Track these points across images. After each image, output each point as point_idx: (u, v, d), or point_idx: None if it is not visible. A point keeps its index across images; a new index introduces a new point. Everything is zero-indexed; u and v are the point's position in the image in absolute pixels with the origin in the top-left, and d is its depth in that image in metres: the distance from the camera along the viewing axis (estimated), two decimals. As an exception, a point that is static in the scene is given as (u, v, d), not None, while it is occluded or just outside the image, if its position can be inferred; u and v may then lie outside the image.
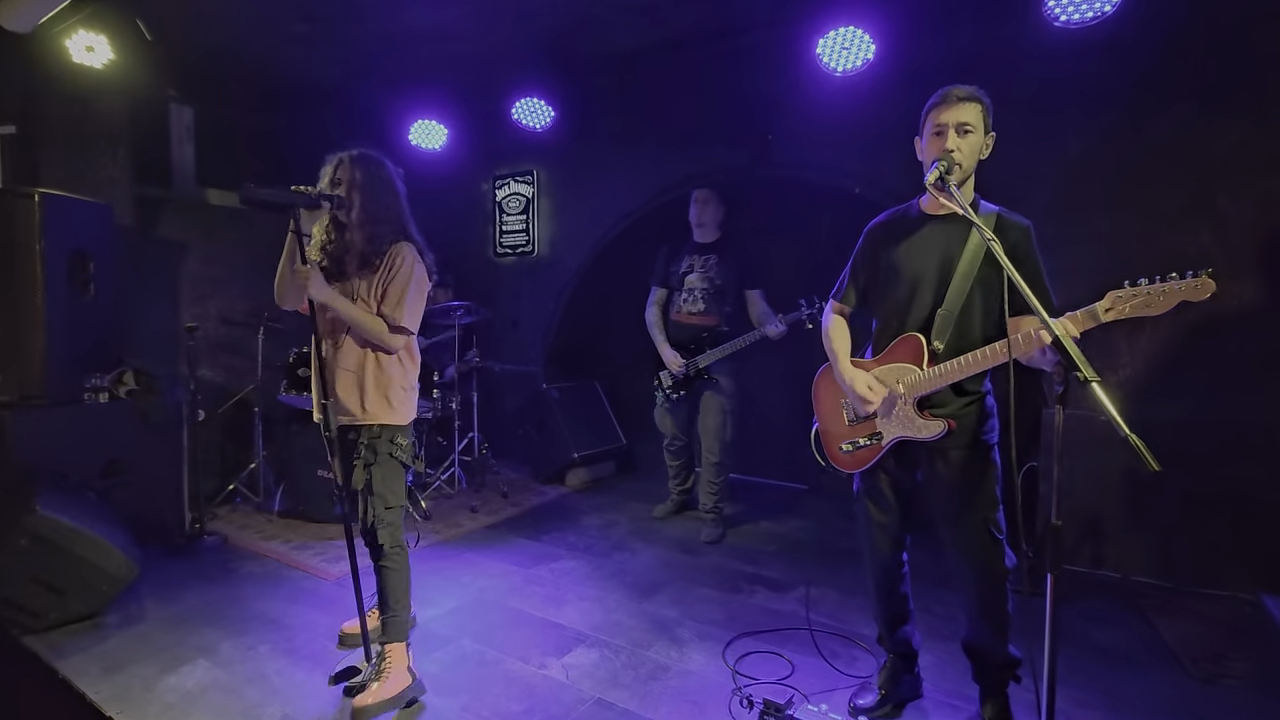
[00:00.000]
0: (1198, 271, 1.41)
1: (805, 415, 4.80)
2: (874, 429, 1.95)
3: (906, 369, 1.85)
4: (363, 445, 2.12)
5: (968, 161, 1.75)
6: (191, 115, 4.59)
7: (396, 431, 2.16)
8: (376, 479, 2.12)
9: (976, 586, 1.88)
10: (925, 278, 1.84)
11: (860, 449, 1.99)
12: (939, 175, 1.66)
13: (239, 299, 4.40)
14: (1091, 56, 2.99)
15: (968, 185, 1.82)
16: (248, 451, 4.21)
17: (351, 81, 4.62)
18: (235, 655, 2.35)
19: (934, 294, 1.83)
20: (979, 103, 1.76)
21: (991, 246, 1.47)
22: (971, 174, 1.81)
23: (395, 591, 2.18)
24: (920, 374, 1.82)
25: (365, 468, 2.11)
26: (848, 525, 3.82)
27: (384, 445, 2.13)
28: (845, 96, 3.49)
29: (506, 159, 5.14)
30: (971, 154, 1.76)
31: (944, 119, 1.76)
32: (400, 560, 2.20)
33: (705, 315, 3.59)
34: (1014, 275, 1.40)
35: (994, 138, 1.80)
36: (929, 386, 1.82)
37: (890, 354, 1.91)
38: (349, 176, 2.10)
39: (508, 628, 2.57)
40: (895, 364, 1.89)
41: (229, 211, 4.68)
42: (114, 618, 2.60)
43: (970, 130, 1.74)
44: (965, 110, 1.75)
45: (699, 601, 2.82)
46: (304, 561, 3.20)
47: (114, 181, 3.90)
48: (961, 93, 1.76)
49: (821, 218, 4.38)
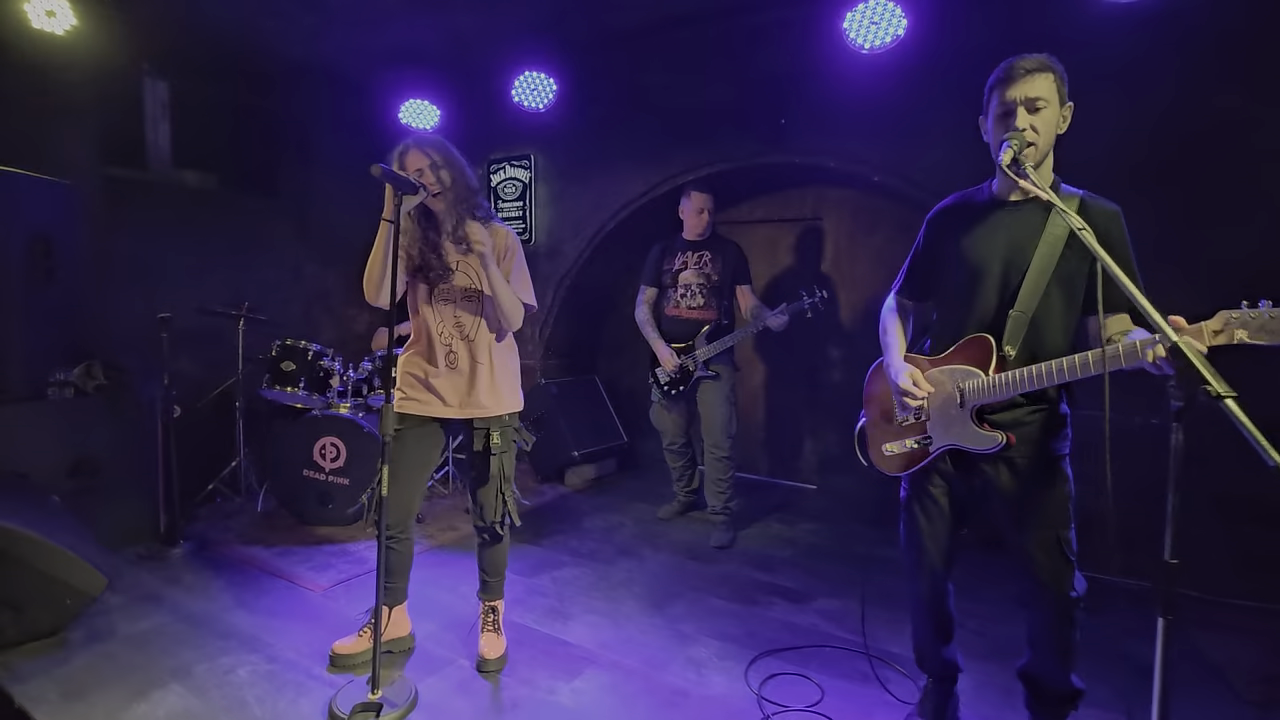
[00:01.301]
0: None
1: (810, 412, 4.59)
2: (923, 432, 1.77)
3: (970, 372, 1.66)
4: (495, 435, 2.20)
5: (1043, 140, 1.55)
6: (167, 91, 4.30)
7: (517, 418, 2.30)
8: (508, 467, 2.25)
9: (1042, 610, 1.69)
10: (993, 272, 1.65)
11: (905, 452, 1.83)
12: (1013, 156, 1.47)
13: (218, 288, 4.13)
14: (1142, 36, 2.78)
15: (1046, 165, 1.61)
16: (228, 449, 3.97)
17: (339, 57, 4.35)
18: (211, 679, 2.14)
19: (1005, 291, 1.63)
20: (1051, 72, 1.55)
21: (1083, 237, 1.28)
22: (1049, 152, 1.60)
23: (503, 562, 2.39)
24: (984, 380, 1.62)
25: (500, 456, 2.21)
26: (861, 529, 3.66)
27: (511, 434, 2.26)
28: (870, 77, 3.28)
29: (502, 142, 4.89)
30: (1047, 131, 1.55)
31: (1011, 95, 1.56)
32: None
33: (705, 310, 3.47)
34: (1114, 270, 1.21)
35: (1072, 108, 1.59)
36: (994, 395, 1.61)
37: (953, 355, 1.72)
38: (434, 160, 2.04)
39: (511, 646, 2.37)
40: (956, 366, 1.70)
41: (207, 195, 4.41)
42: (79, 634, 2.37)
43: (1043, 105, 1.54)
44: (1035, 83, 1.54)
45: (714, 615, 2.64)
46: (288, 570, 2.98)
47: (79, 160, 3.63)
48: (1030, 64, 1.55)
49: (834, 205, 4.20)
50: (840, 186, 4.10)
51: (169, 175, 4.30)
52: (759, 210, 4.45)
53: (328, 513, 3.49)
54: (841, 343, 4.25)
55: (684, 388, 3.49)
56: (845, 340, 4.23)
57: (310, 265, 4.92)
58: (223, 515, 3.67)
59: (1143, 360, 1.32)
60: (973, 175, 3.19)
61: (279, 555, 3.15)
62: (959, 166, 3.26)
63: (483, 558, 2.36)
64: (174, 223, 4.12)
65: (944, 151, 3.28)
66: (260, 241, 4.60)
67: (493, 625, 2.35)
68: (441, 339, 2.16)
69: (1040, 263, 1.58)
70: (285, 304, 4.72)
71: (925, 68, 3.18)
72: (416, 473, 2.25)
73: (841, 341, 4.25)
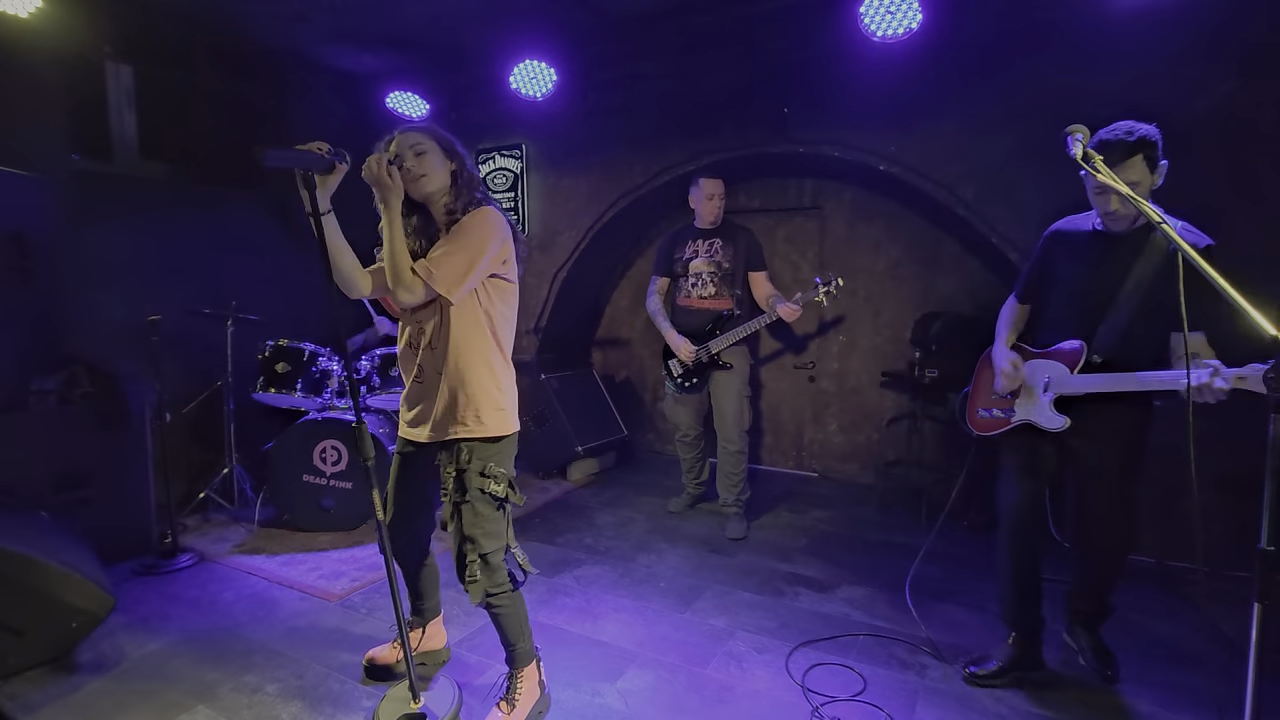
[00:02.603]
0: None
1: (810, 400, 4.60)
2: (1009, 407, 2.13)
3: (1059, 368, 1.98)
4: (450, 467, 1.84)
5: (1131, 213, 1.82)
6: (131, 76, 4.04)
7: (495, 448, 1.87)
8: (469, 520, 1.82)
9: (1105, 555, 2.13)
10: (1091, 292, 1.94)
11: (991, 419, 2.20)
12: (1083, 150, 1.49)
13: (203, 286, 3.92)
14: (1175, 32, 2.76)
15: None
16: (218, 455, 3.80)
17: (321, 43, 4.16)
18: (240, 700, 2.04)
19: (1101, 309, 1.92)
20: (1138, 154, 1.72)
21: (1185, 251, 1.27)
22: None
23: (511, 630, 1.94)
24: (1068, 375, 1.96)
25: (455, 504, 1.83)
26: (869, 514, 3.71)
27: (475, 478, 1.81)
28: (879, 67, 3.29)
29: (491, 131, 4.77)
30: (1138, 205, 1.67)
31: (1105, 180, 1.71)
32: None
33: (717, 299, 3.44)
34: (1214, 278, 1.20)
35: (1166, 167, 1.77)
36: (1071, 389, 1.95)
37: (1050, 352, 2.04)
38: (430, 143, 1.80)
39: (546, 648, 2.32)
40: (1048, 360, 2.02)
41: (181, 190, 4.19)
42: (86, 658, 2.24)
43: (1134, 185, 1.73)
44: (1126, 172, 1.73)
45: (744, 608, 2.64)
46: (298, 580, 2.87)
47: (49, 153, 3.40)
48: (1119, 152, 1.72)
49: (833, 194, 4.20)
50: (839, 177, 4.10)
51: (136, 167, 4.06)
52: (756, 199, 4.43)
53: (330, 518, 3.37)
54: (840, 330, 4.27)
55: (698, 380, 3.47)
56: (844, 328, 4.26)
57: (296, 261, 4.72)
58: (217, 525, 3.51)
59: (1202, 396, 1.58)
60: (977, 165, 3.27)
61: (285, 565, 3.03)
62: (966, 156, 3.32)
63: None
64: (150, 219, 3.90)
65: (951, 141, 3.31)
66: (243, 238, 4.38)
67: (505, 699, 1.92)
68: (411, 347, 1.88)
69: (1131, 287, 1.86)
70: (272, 303, 4.52)
71: (938, 59, 3.19)
72: (419, 496, 2.03)
73: (840, 329, 4.27)
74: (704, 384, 3.48)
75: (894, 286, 4.06)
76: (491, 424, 1.83)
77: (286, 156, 1.54)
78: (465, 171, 1.85)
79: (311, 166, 1.58)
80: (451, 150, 1.83)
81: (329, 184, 1.65)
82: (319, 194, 1.63)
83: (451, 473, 1.81)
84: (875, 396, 4.19)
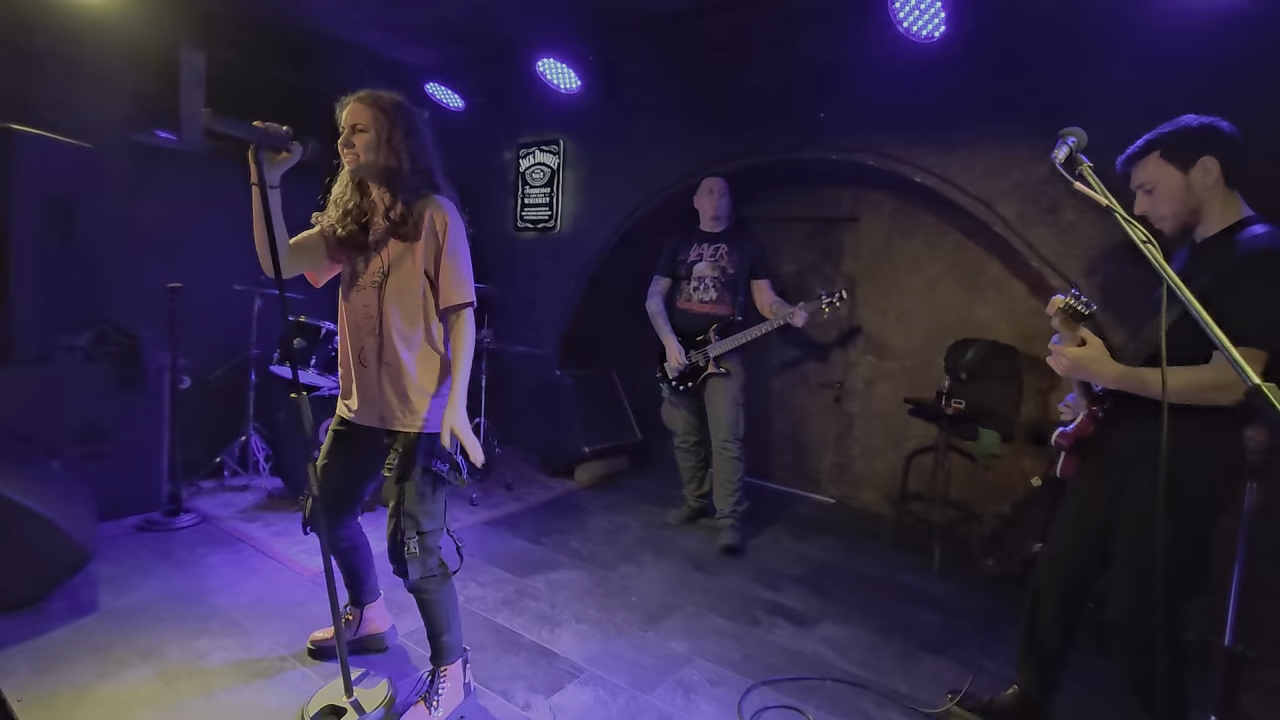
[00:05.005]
0: None
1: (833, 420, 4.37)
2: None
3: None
4: (397, 454, 1.82)
5: (1169, 211, 1.61)
6: (204, 62, 4.29)
7: (435, 441, 1.84)
8: (411, 498, 1.81)
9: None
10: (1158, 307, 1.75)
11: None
12: (1068, 154, 1.30)
13: (238, 260, 4.09)
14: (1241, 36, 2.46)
15: (1214, 215, 1.59)
16: (239, 423, 3.95)
17: (373, 33, 4.28)
18: (182, 664, 2.07)
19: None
20: (1152, 153, 1.60)
21: (1147, 250, 1.09)
22: (1201, 209, 1.59)
23: (439, 621, 1.91)
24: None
25: (398, 483, 1.81)
26: (877, 548, 3.47)
27: (421, 457, 1.81)
28: (918, 71, 3.07)
29: (532, 126, 4.78)
30: (1169, 205, 1.60)
31: (1132, 185, 1.67)
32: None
33: (718, 304, 3.33)
34: (1194, 306, 1.00)
35: (1208, 164, 1.55)
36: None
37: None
38: (370, 120, 1.74)
39: (493, 651, 2.26)
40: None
41: (235, 168, 4.38)
42: (60, 606, 2.34)
43: (1151, 188, 1.61)
44: (1137, 172, 1.64)
45: (711, 634, 2.49)
46: (281, 551, 2.93)
47: (110, 126, 3.62)
48: (1132, 154, 1.64)
49: (872, 206, 3.96)
50: (878, 187, 3.87)
51: (199, 145, 4.30)
52: (793, 206, 4.23)
53: (329, 494, 3.43)
54: (869, 350, 4.03)
55: (693, 384, 3.35)
56: (874, 347, 4.01)
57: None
58: (230, 490, 3.64)
59: None
60: (1023, 181, 2.99)
61: (275, 535, 3.09)
62: (1009, 170, 3.04)
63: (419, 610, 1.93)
64: (199, 193, 4.11)
65: (990, 153, 3.05)
66: (283, 217, 4.55)
67: (426, 698, 1.87)
68: (354, 331, 1.84)
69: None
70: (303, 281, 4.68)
71: (978, 64, 2.95)
72: (352, 477, 1.99)
73: (869, 348, 4.02)
74: (699, 389, 3.35)
75: (929, 307, 3.78)
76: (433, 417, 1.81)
77: (232, 126, 1.57)
78: (421, 155, 1.79)
79: (256, 141, 1.60)
80: (403, 127, 1.75)
81: (279, 162, 1.67)
82: (269, 169, 1.65)
83: (398, 450, 1.80)
84: (902, 423, 3.91)
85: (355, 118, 1.74)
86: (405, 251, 1.78)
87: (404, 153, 1.75)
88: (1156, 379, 1.42)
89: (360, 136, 1.73)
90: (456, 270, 1.79)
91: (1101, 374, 1.55)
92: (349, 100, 1.77)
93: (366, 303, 1.81)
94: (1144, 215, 1.63)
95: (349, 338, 1.87)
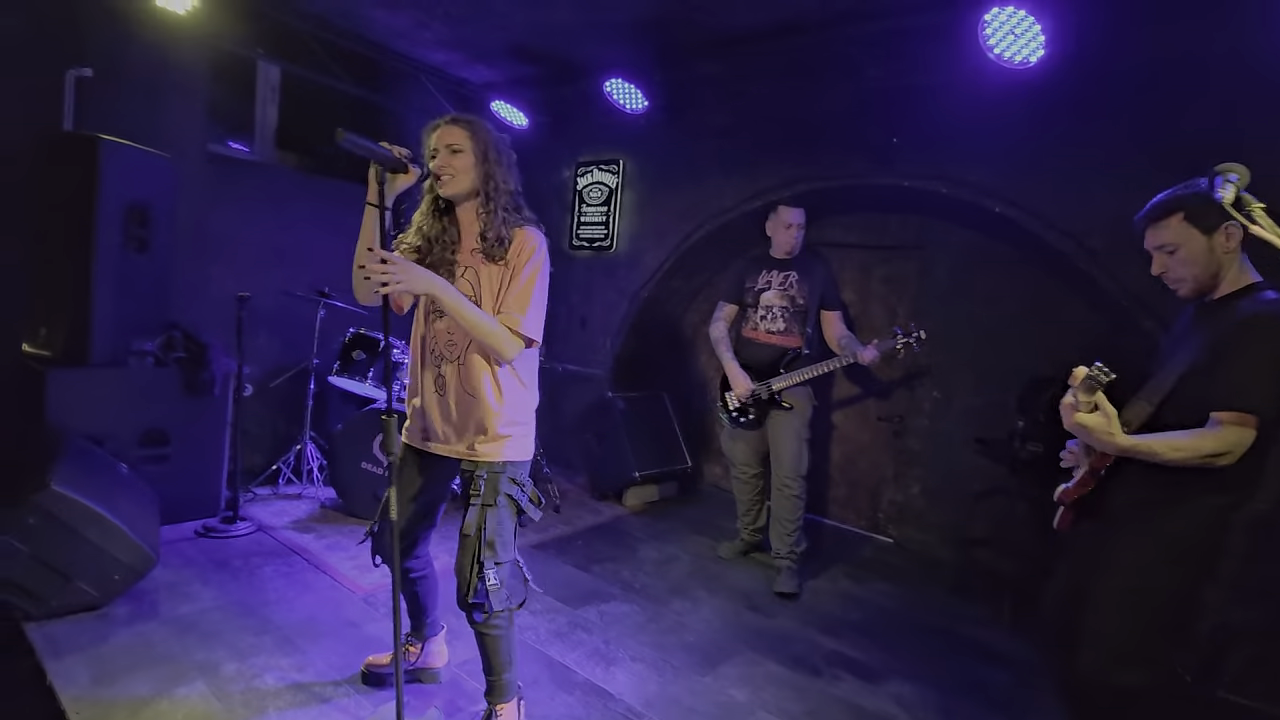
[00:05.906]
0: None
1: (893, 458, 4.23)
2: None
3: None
4: (480, 481, 1.77)
5: (1189, 273, 1.56)
6: (279, 75, 4.42)
7: (521, 470, 1.83)
8: (492, 525, 1.75)
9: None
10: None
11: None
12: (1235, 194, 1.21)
13: (304, 270, 4.17)
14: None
15: (1231, 277, 1.56)
16: (297, 432, 3.99)
17: (441, 51, 4.34)
18: (237, 682, 2.05)
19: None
20: (1175, 215, 1.54)
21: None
22: (1220, 270, 1.55)
23: (500, 658, 1.85)
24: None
25: (481, 508, 1.76)
26: (941, 595, 3.29)
27: (504, 484, 1.78)
28: (1000, 96, 2.95)
29: (591, 145, 4.78)
30: (1190, 267, 1.55)
31: (1147, 244, 1.63)
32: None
33: (786, 335, 3.21)
34: None
35: (1232, 229, 1.49)
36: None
37: None
38: (465, 141, 1.72)
39: (547, 688, 2.19)
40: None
41: (303, 179, 4.50)
42: (123, 610, 2.35)
43: (1173, 249, 1.57)
44: (1158, 233, 1.59)
45: (772, 683, 2.37)
46: (334, 565, 2.91)
47: (187, 136, 3.73)
48: (1147, 216, 1.61)
49: (940, 237, 3.82)
50: (947, 218, 3.72)
51: (272, 157, 4.42)
52: (854, 233, 4.12)
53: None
54: (933, 386, 3.86)
55: (753, 416, 3.24)
56: (940, 383, 3.84)
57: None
58: (284, 498, 3.67)
59: None
60: (1114, 216, 2.83)
61: (328, 548, 3.09)
62: (1098, 204, 2.89)
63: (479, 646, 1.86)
64: (268, 204, 4.20)
65: (1081, 186, 2.90)
66: (349, 229, 4.63)
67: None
68: (432, 357, 1.81)
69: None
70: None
71: (1073, 93, 2.82)
72: (420, 507, 1.94)
73: (935, 384, 3.86)
74: (761, 421, 3.24)
75: (1002, 343, 3.61)
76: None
77: (362, 144, 1.55)
78: (507, 179, 1.76)
79: (381, 161, 1.59)
80: (496, 151, 1.74)
81: (397, 184, 1.66)
82: (388, 190, 1.63)
83: (480, 478, 1.76)
84: (969, 463, 3.73)
85: (450, 139, 1.72)
86: (495, 276, 1.75)
87: (499, 175, 1.73)
88: (1164, 449, 1.45)
89: (457, 158, 1.72)
90: (533, 299, 1.72)
91: (1106, 444, 1.52)
92: (440, 122, 1.76)
93: (451, 329, 1.78)
94: (1161, 275, 1.64)
95: (424, 365, 1.83)
